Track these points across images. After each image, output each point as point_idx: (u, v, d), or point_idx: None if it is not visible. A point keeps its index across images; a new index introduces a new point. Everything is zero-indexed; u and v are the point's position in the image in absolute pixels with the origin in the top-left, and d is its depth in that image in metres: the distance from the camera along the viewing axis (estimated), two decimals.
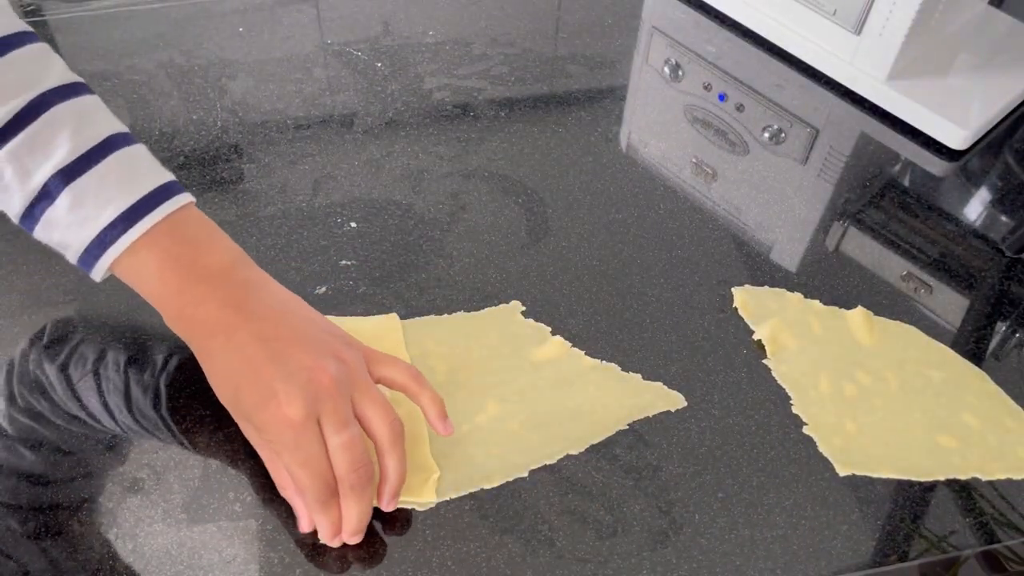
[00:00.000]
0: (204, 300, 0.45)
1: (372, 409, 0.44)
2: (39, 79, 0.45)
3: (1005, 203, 0.66)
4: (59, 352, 0.51)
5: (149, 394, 0.50)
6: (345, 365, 0.45)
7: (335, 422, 0.43)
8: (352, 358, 0.45)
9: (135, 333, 0.52)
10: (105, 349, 0.51)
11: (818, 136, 0.70)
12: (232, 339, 0.44)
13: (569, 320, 0.55)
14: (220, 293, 0.45)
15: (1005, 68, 0.73)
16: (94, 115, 0.47)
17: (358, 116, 0.68)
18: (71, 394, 0.50)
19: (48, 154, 0.44)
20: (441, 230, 0.60)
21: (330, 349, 0.45)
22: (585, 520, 0.46)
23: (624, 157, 0.67)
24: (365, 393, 0.45)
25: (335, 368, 0.44)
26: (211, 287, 0.45)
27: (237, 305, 0.45)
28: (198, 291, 0.45)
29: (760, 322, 0.56)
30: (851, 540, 0.47)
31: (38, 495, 0.46)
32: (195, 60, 0.71)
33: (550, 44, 0.76)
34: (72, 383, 0.50)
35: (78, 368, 0.50)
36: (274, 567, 0.44)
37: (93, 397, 0.49)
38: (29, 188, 0.44)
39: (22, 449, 0.47)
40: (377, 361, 0.47)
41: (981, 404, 0.53)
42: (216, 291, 0.45)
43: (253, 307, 0.45)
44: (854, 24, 0.69)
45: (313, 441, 0.42)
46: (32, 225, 0.45)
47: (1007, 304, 0.59)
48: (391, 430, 0.44)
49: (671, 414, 0.51)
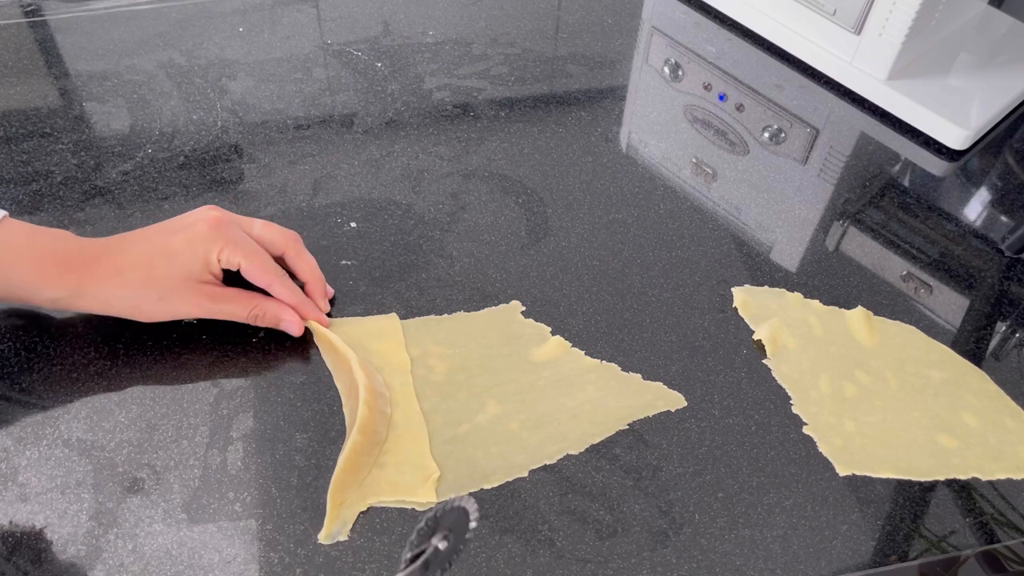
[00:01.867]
0: (78, 245, 0.49)
1: (263, 230, 0.52)
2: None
3: (1005, 203, 0.66)
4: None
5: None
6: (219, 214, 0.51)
7: (243, 224, 0.51)
8: (219, 213, 0.51)
9: (136, 332, 0.52)
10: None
11: (818, 136, 0.70)
12: (123, 249, 0.49)
13: (569, 320, 0.55)
14: (88, 240, 0.50)
15: (1005, 68, 0.73)
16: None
17: (358, 116, 0.68)
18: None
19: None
20: (441, 230, 0.60)
21: (197, 216, 0.50)
22: (585, 520, 0.46)
23: (624, 157, 0.67)
24: (248, 228, 0.52)
25: (214, 214, 0.50)
26: (75, 240, 0.50)
27: (105, 239, 0.50)
28: (66, 244, 0.49)
29: (760, 322, 0.56)
30: (851, 540, 0.47)
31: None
32: (195, 60, 0.71)
33: (550, 44, 0.76)
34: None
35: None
36: (274, 567, 0.44)
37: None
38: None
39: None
40: (251, 222, 0.52)
41: (981, 404, 0.53)
42: (84, 240, 0.50)
43: (121, 235, 0.51)
44: (854, 24, 0.69)
45: (242, 232, 0.50)
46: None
47: (1007, 304, 0.59)
48: (292, 239, 0.53)
49: (671, 414, 0.51)
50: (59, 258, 0.49)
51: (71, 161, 0.63)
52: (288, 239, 0.53)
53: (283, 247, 0.53)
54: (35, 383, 0.50)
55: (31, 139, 0.64)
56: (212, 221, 0.50)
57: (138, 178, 0.62)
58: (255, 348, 0.52)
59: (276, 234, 0.53)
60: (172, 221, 0.51)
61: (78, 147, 0.64)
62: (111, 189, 0.61)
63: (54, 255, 0.49)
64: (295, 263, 0.53)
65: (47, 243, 0.49)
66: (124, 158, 0.63)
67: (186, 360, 0.51)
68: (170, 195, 0.61)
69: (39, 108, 0.67)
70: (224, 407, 0.50)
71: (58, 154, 0.63)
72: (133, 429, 0.49)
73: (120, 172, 0.62)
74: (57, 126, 0.65)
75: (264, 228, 0.52)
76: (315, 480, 0.47)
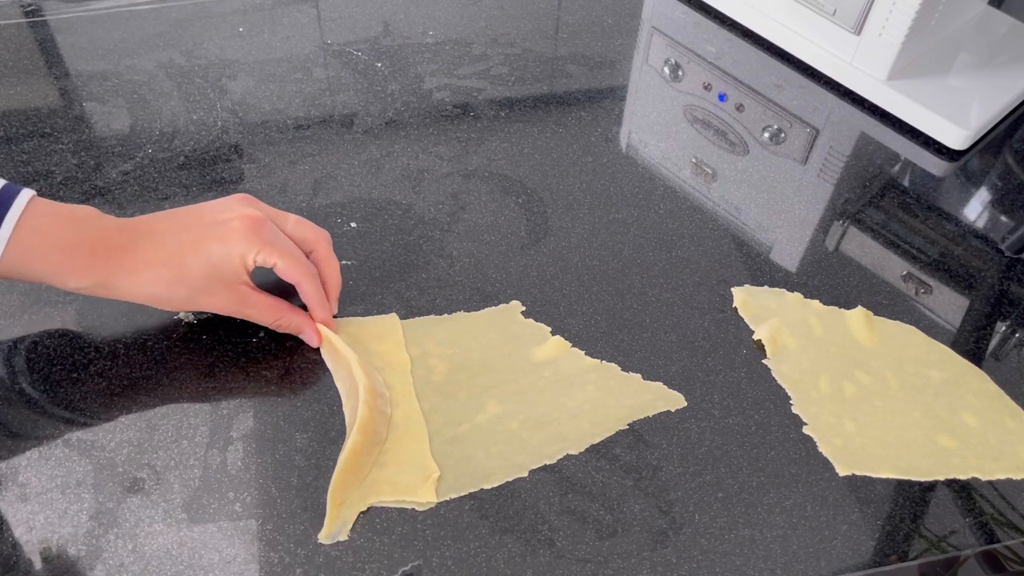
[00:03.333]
0: (105, 234, 0.48)
1: (296, 227, 0.51)
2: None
3: (1005, 203, 0.66)
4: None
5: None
6: (256, 212, 0.50)
7: (277, 220, 0.50)
8: (255, 211, 0.49)
9: (136, 332, 0.52)
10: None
11: (818, 136, 0.70)
12: (153, 240, 0.48)
13: (569, 320, 0.55)
14: (116, 224, 0.49)
15: (1005, 68, 0.73)
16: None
17: (358, 116, 0.68)
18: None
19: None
20: (441, 230, 0.60)
21: (232, 212, 0.49)
22: (585, 520, 0.46)
23: (624, 157, 0.67)
24: (282, 224, 0.51)
25: (250, 211, 0.49)
26: (102, 224, 0.48)
27: (135, 225, 0.49)
28: (94, 232, 0.48)
29: (760, 322, 0.56)
30: (851, 540, 0.47)
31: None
32: (195, 60, 0.71)
33: (550, 44, 0.76)
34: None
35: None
36: (274, 567, 0.44)
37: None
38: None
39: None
40: (284, 218, 0.52)
41: (981, 404, 0.53)
42: (111, 223, 0.49)
43: (150, 219, 0.49)
44: (854, 24, 0.69)
45: (278, 231, 0.49)
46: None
47: (1007, 304, 0.59)
48: (324, 239, 0.52)
49: (671, 414, 0.51)
50: (86, 248, 0.47)
51: (71, 161, 0.63)
52: (320, 238, 0.52)
53: (314, 244, 0.52)
54: (35, 383, 0.50)
55: (31, 139, 0.64)
56: (249, 222, 0.48)
57: (138, 178, 0.62)
58: (255, 348, 0.52)
59: (308, 232, 0.52)
60: (204, 209, 0.49)
61: (78, 147, 0.64)
62: (111, 189, 0.61)
63: (81, 244, 0.47)
64: (322, 263, 0.52)
65: (74, 230, 0.47)
66: (124, 158, 0.63)
67: (186, 360, 0.51)
68: (170, 195, 0.61)
69: (39, 108, 0.67)
70: (224, 407, 0.50)
71: (58, 154, 0.63)
72: (133, 429, 0.49)
73: (120, 172, 0.62)
74: (57, 126, 0.65)
75: (297, 225, 0.52)
76: (315, 480, 0.47)
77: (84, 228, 0.48)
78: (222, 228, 0.48)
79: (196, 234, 0.48)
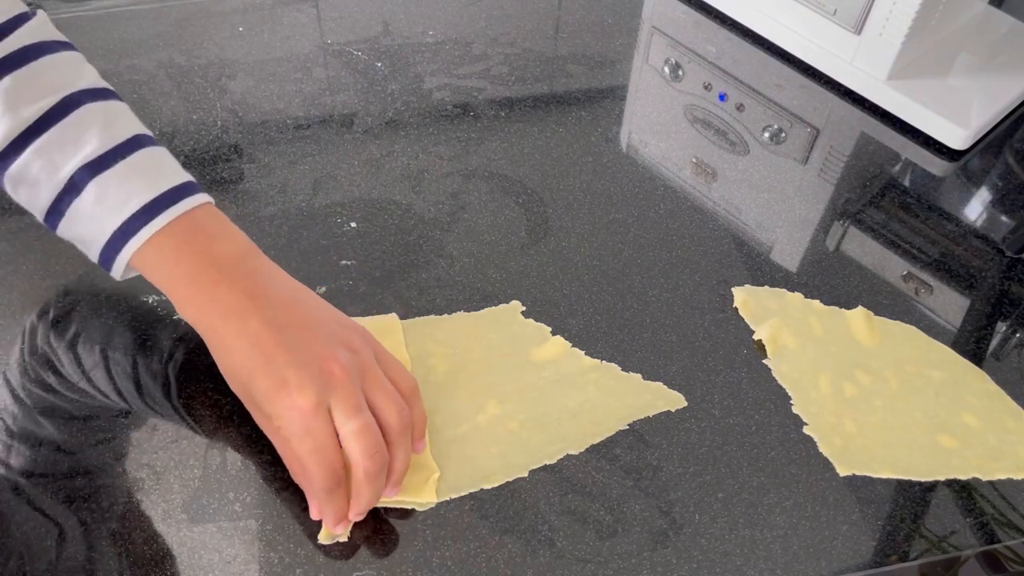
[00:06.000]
0: (217, 284, 0.46)
1: (383, 398, 0.45)
2: (72, 81, 0.47)
3: (1005, 203, 0.66)
4: (66, 331, 0.51)
5: (159, 382, 0.50)
6: (356, 355, 0.45)
7: (347, 409, 0.43)
8: (363, 348, 0.46)
9: (135, 334, 0.52)
10: (112, 335, 0.52)
11: (818, 136, 0.70)
12: (245, 325, 0.44)
13: (569, 320, 0.55)
14: (233, 278, 0.46)
15: (1005, 68, 0.73)
16: (123, 116, 0.49)
17: (358, 116, 0.68)
18: (82, 375, 0.50)
19: (77, 149, 0.45)
20: (441, 230, 0.60)
21: (341, 338, 0.46)
22: (585, 520, 0.46)
23: (624, 157, 0.67)
24: (376, 382, 0.45)
25: (346, 357, 0.44)
26: (224, 273, 0.46)
27: (250, 292, 0.46)
28: (211, 276, 0.46)
29: (760, 322, 0.56)
30: (851, 540, 0.47)
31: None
32: (195, 60, 0.71)
33: (550, 44, 0.76)
34: (84, 368, 0.51)
35: (88, 354, 0.51)
36: (274, 567, 0.44)
37: (104, 381, 0.50)
38: (56, 181, 0.45)
39: (41, 419, 0.48)
40: (384, 361, 0.47)
41: (981, 404, 0.53)
42: (229, 276, 0.46)
43: (265, 294, 0.46)
44: (854, 24, 0.69)
45: (323, 430, 0.43)
46: (57, 220, 0.46)
47: (1007, 304, 0.59)
48: (400, 420, 0.45)
49: (671, 414, 0.51)
50: (204, 291, 0.46)
51: None
52: (417, 420, 0.47)
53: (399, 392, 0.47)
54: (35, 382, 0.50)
55: None
56: (350, 369, 0.44)
57: None
58: None
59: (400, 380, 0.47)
60: (331, 328, 0.46)
61: None
62: None
63: (209, 303, 0.45)
64: (394, 447, 0.45)
65: (207, 263, 0.46)
66: None
67: (186, 360, 0.51)
68: None
69: None
70: (224, 407, 0.50)
71: None
72: (133, 429, 0.49)
73: None
74: None
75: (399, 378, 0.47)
76: None
77: (218, 282, 0.46)
78: (329, 364, 0.44)
79: (305, 352, 0.44)
